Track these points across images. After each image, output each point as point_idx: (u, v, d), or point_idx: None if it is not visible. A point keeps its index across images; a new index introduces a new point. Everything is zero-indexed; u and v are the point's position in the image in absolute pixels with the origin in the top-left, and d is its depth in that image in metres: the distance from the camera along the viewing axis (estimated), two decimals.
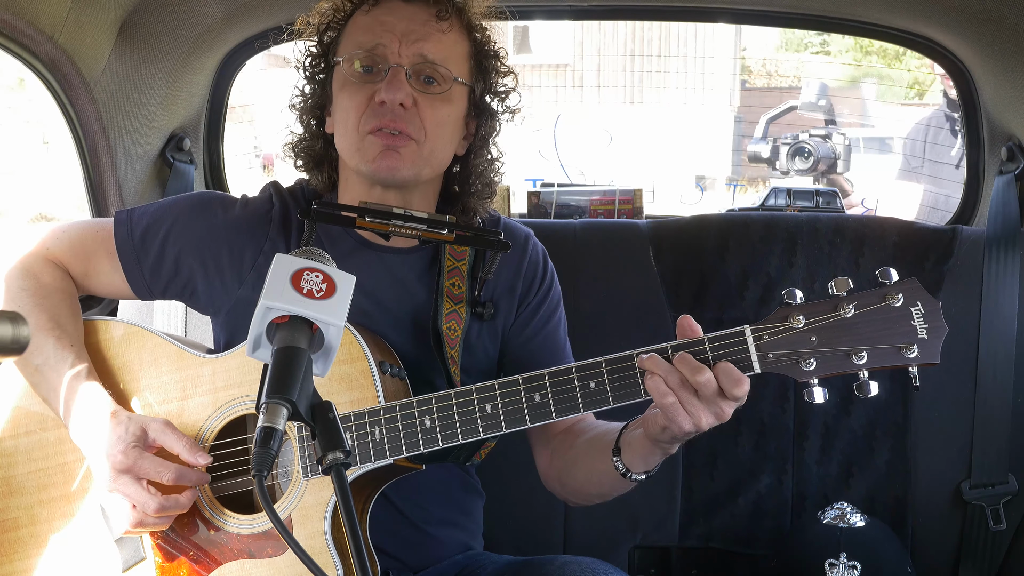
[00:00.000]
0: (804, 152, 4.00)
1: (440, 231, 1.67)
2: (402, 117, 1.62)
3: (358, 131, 1.64)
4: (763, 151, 4.21)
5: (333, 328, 1.21)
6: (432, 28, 1.65)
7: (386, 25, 1.65)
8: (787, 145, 4.07)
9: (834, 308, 1.37)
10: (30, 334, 1.04)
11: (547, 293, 1.83)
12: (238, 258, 1.73)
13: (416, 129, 1.64)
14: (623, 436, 1.54)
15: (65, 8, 1.97)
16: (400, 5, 1.67)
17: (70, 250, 1.78)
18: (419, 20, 1.65)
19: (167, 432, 1.55)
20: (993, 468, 2.34)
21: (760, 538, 2.40)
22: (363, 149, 1.64)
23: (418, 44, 1.64)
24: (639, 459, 1.51)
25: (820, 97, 4.66)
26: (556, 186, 2.91)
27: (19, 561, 1.65)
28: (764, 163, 4.20)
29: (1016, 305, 2.34)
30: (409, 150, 1.64)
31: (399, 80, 1.62)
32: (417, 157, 1.65)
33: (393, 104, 1.61)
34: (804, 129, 4.25)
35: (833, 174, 4.10)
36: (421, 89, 1.64)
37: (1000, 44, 2.27)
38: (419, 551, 1.76)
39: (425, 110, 1.64)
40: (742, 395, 1.37)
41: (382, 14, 1.67)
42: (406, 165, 1.64)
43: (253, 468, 1.11)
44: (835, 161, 4.07)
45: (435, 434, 1.50)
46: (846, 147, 4.08)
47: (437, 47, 1.65)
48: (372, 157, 1.63)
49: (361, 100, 1.64)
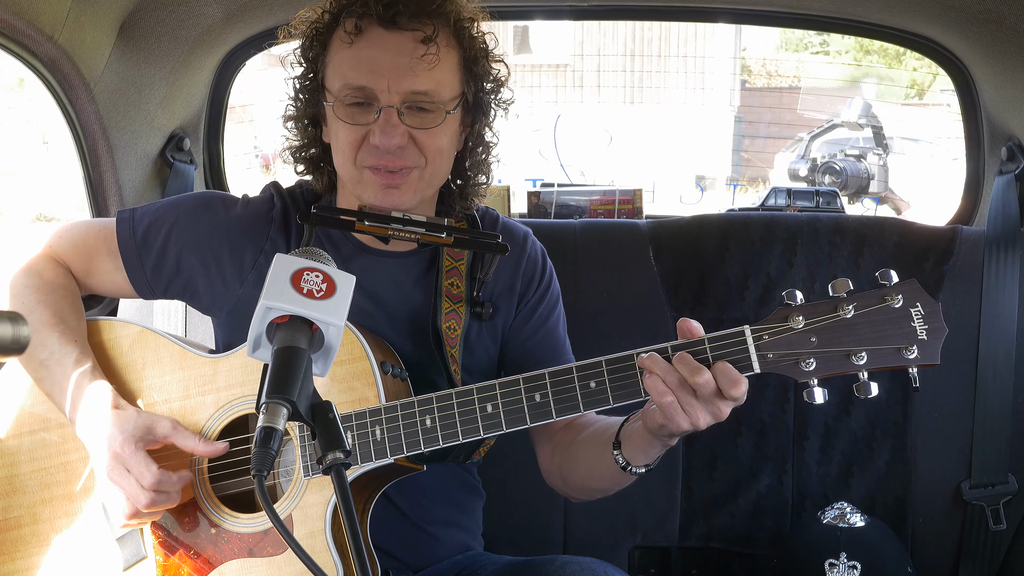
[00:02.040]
0: (834, 171, 4.00)
1: (439, 234, 1.67)
2: (399, 155, 1.61)
3: (355, 165, 1.64)
4: (802, 169, 4.23)
5: (333, 328, 1.21)
6: (419, 58, 1.58)
7: (373, 64, 1.58)
8: (821, 164, 4.07)
9: (834, 309, 1.37)
10: (31, 333, 1.04)
11: (546, 291, 1.83)
12: (239, 258, 1.73)
13: (416, 158, 1.63)
14: (623, 429, 1.55)
15: (65, 8, 1.97)
16: (383, 36, 1.59)
17: (72, 249, 1.79)
18: (405, 52, 1.58)
19: (178, 430, 1.57)
20: (993, 468, 2.35)
21: (760, 538, 2.40)
22: (364, 183, 1.64)
23: (407, 80, 1.58)
24: (639, 452, 1.52)
25: (862, 115, 4.66)
26: (556, 186, 2.91)
27: (21, 559, 1.65)
28: (803, 181, 4.20)
29: (1016, 305, 2.34)
30: (410, 181, 1.64)
31: (392, 124, 1.58)
32: (419, 183, 1.65)
33: (389, 148, 1.59)
34: (843, 148, 4.26)
35: (868, 193, 4.09)
36: (415, 124, 1.61)
37: (1000, 44, 2.27)
38: (419, 551, 1.76)
39: (422, 140, 1.62)
40: (740, 396, 1.37)
41: (366, 48, 1.59)
42: (407, 197, 1.65)
43: (253, 468, 1.11)
44: (868, 181, 4.05)
45: (436, 434, 1.50)
46: (882, 167, 4.06)
47: (426, 79, 1.59)
48: (373, 194, 1.63)
49: (356, 138, 1.62)
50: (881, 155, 4.14)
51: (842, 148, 4.23)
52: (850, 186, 4.05)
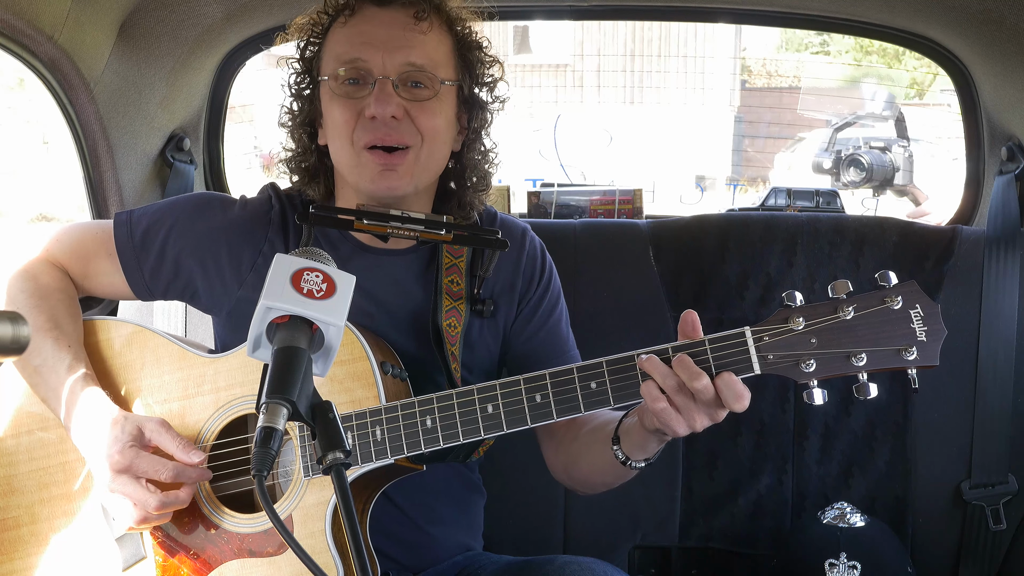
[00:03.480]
0: (859, 163, 3.96)
1: (438, 231, 1.67)
2: (396, 128, 1.62)
3: (353, 146, 1.64)
4: (826, 162, 4.19)
5: (333, 328, 1.21)
6: (412, 32, 1.63)
7: (366, 36, 1.63)
8: (846, 156, 4.03)
9: (834, 310, 1.37)
10: (30, 334, 1.04)
11: (547, 288, 1.83)
12: (237, 259, 1.73)
13: (412, 135, 1.63)
14: (621, 425, 1.55)
15: (65, 8, 1.97)
16: (376, 12, 1.64)
17: (70, 251, 1.78)
18: (398, 25, 1.63)
19: (162, 431, 1.55)
20: (993, 468, 2.35)
21: (760, 538, 2.40)
22: (361, 166, 1.65)
23: (401, 52, 1.62)
24: (637, 447, 1.52)
25: (886, 108, 4.61)
26: (556, 186, 2.91)
27: (20, 560, 1.65)
28: (827, 174, 4.17)
29: (1016, 305, 2.34)
30: (407, 163, 1.64)
31: (387, 93, 1.61)
32: (415, 166, 1.65)
33: (384, 118, 1.61)
34: (866, 140, 4.20)
35: (891, 186, 4.05)
36: (410, 97, 1.63)
37: (1000, 44, 2.27)
38: (419, 551, 1.76)
39: (417, 116, 1.63)
40: (741, 409, 1.37)
41: (360, 24, 1.64)
42: (404, 181, 1.65)
43: (253, 468, 1.11)
44: (893, 173, 4.01)
45: (436, 434, 1.50)
46: (907, 159, 4.02)
47: (420, 51, 1.63)
48: (371, 177, 1.64)
49: (351, 115, 1.63)
50: (906, 147, 4.07)
51: (867, 141, 4.17)
52: (875, 178, 3.99)
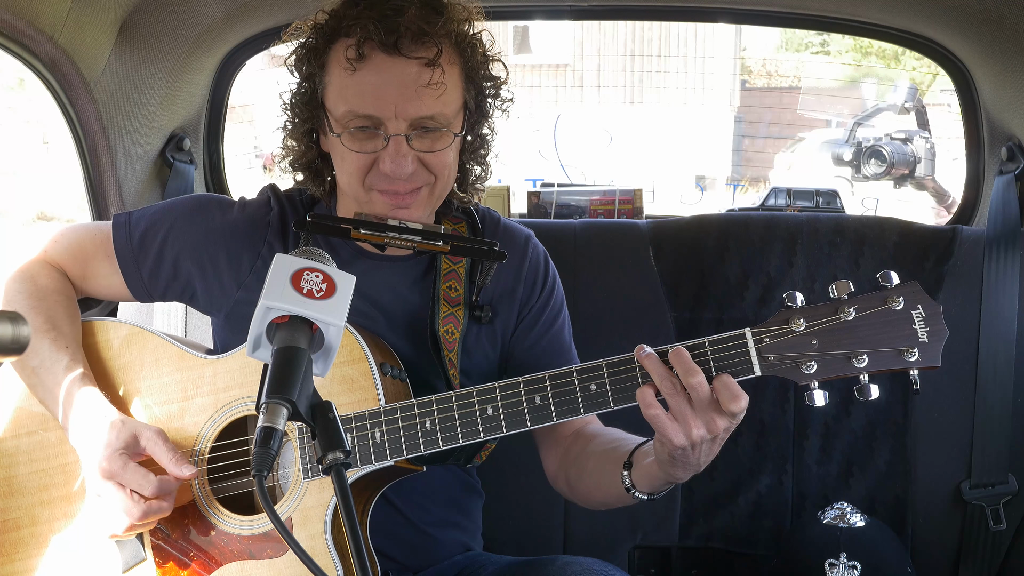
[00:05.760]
0: (880, 155, 3.93)
1: (435, 242, 1.65)
2: (410, 180, 1.60)
3: (363, 185, 1.62)
4: (846, 154, 4.15)
5: (333, 328, 1.21)
6: (424, 82, 1.55)
7: (378, 91, 1.55)
8: (867, 148, 3.99)
9: (835, 311, 1.37)
10: (30, 334, 1.04)
11: (549, 297, 1.82)
12: (236, 261, 1.73)
13: (426, 178, 1.62)
14: (637, 451, 1.54)
15: (65, 8, 1.97)
16: (386, 61, 1.54)
17: (68, 253, 1.78)
18: (410, 78, 1.54)
19: (157, 441, 1.54)
20: (993, 468, 2.34)
21: (760, 538, 2.40)
22: (371, 203, 1.64)
23: (413, 106, 1.55)
24: (644, 478, 1.51)
25: (908, 99, 4.56)
26: (556, 186, 2.91)
27: (20, 561, 1.65)
28: (847, 166, 4.13)
29: (1016, 305, 2.34)
30: (419, 199, 1.63)
31: (403, 153, 1.57)
32: (429, 199, 1.65)
33: (402, 176, 1.58)
34: (888, 132, 4.16)
35: (913, 178, 4.02)
36: (424, 148, 1.59)
37: (1000, 44, 2.27)
38: (419, 552, 1.76)
39: (430, 160, 1.61)
40: (738, 411, 1.36)
41: (368, 75, 1.55)
42: (419, 212, 1.65)
43: (253, 468, 1.11)
44: (914, 164, 3.96)
45: (436, 436, 1.50)
46: (929, 150, 3.97)
47: (433, 103, 1.56)
48: (382, 210, 1.63)
49: (364, 164, 1.60)
50: (927, 138, 4.02)
51: (887, 132, 4.11)
52: (897, 169, 3.95)
